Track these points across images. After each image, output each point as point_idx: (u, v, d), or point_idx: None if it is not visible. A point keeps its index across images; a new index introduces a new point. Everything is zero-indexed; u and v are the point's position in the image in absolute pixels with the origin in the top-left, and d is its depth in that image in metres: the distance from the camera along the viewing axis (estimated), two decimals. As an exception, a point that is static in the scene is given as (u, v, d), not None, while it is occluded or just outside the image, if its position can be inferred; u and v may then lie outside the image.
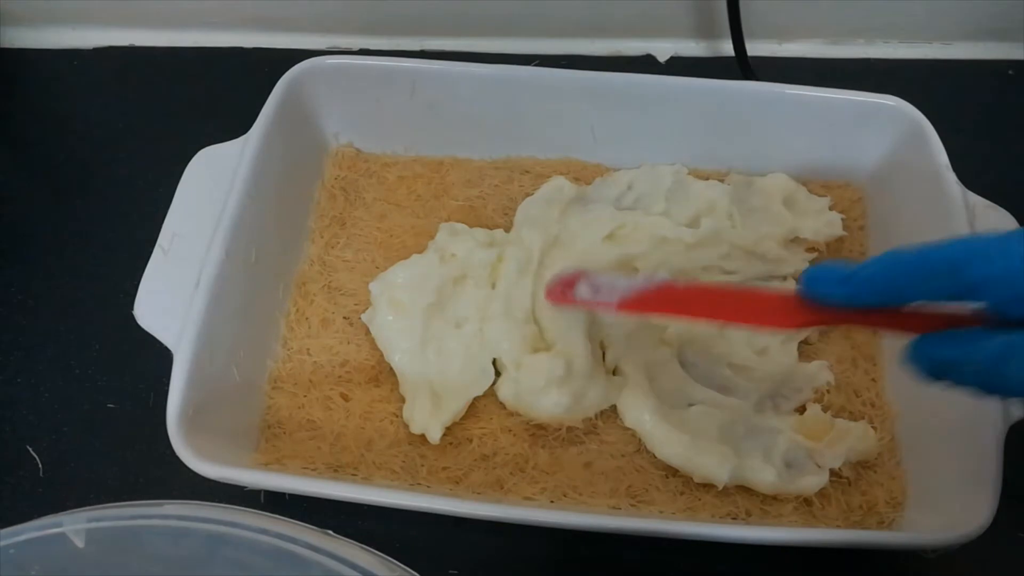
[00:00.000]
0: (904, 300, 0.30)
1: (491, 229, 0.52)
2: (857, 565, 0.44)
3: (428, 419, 0.45)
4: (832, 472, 0.44)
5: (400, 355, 0.47)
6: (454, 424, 0.46)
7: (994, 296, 0.28)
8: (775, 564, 0.43)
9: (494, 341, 0.47)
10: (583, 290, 0.41)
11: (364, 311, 0.50)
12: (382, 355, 0.48)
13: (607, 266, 0.49)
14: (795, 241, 0.51)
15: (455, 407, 0.46)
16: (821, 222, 0.51)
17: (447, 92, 0.54)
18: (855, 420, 0.46)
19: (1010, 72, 0.63)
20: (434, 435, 0.45)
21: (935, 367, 0.30)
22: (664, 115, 0.53)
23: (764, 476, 0.43)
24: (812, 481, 0.43)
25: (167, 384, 0.42)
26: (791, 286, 0.50)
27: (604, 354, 0.48)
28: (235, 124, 0.50)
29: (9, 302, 0.54)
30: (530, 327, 0.47)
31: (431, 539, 0.45)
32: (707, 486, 0.44)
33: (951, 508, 0.40)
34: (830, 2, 0.62)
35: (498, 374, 0.47)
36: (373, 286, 0.49)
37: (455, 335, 0.48)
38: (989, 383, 0.28)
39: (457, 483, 0.45)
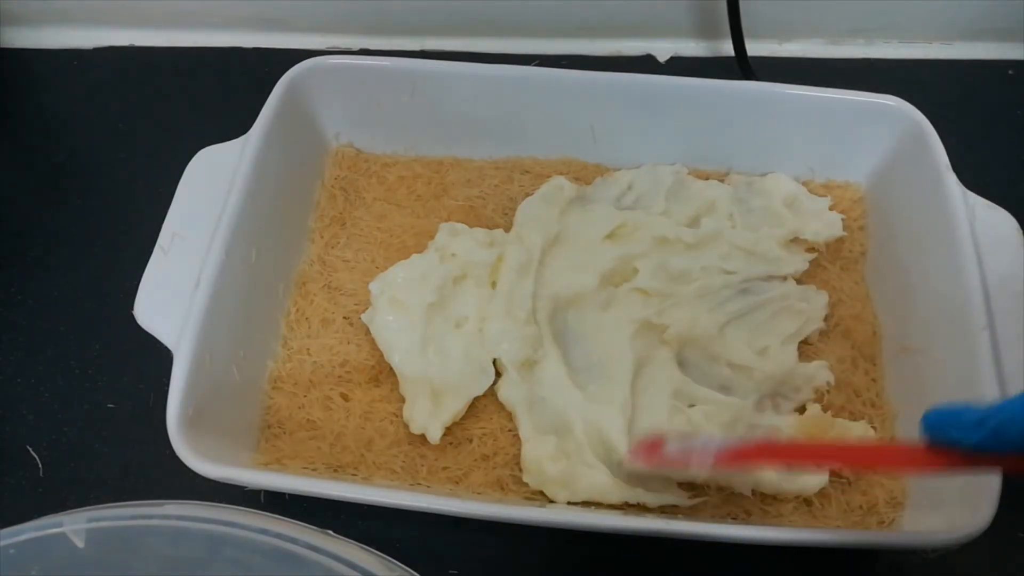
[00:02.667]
0: None
1: (491, 229, 0.52)
2: (857, 565, 0.44)
3: (428, 419, 0.45)
4: (832, 472, 0.44)
5: (400, 355, 0.47)
6: (454, 424, 0.46)
7: None
8: (775, 564, 0.43)
9: (494, 341, 0.47)
10: (674, 447, 0.39)
11: (364, 311, 0.50)
12: (382, 355, 0.48)
13: (607, 266, 0.49)
14: (795, 241, 0.51)
15: (455, 407, 0.46)
16: (821, 222, 0.51)
17: (447, 92, 0.54)
18: (855, 420, 0.46)
19: (1010, 72, 0.63)
20: (434, 435, 0.45)
21: None
22: (664, 115, 0.53)
23: (764, 476, 0.43)
24: (812, 481, 0.43)
25: (167, 384, 0.42)
26: (791, 286, 0.50)
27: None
28: (235, 124, 0.50)
29: (9, 302, 0.54)
30: (530, 328, 0.47)
31: (431, 539, 0.45)
32: (707, 485, 0.44)
33: (951, 508, 0.40)
34: (830, 2, 0.62)
35: (498, 374, 0.47)
36: (373, 286, 0.49)
37: (455, 335, 0.48)
38: None
39: (457, 483, 0.45)
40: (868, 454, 0.36)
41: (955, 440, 0.29)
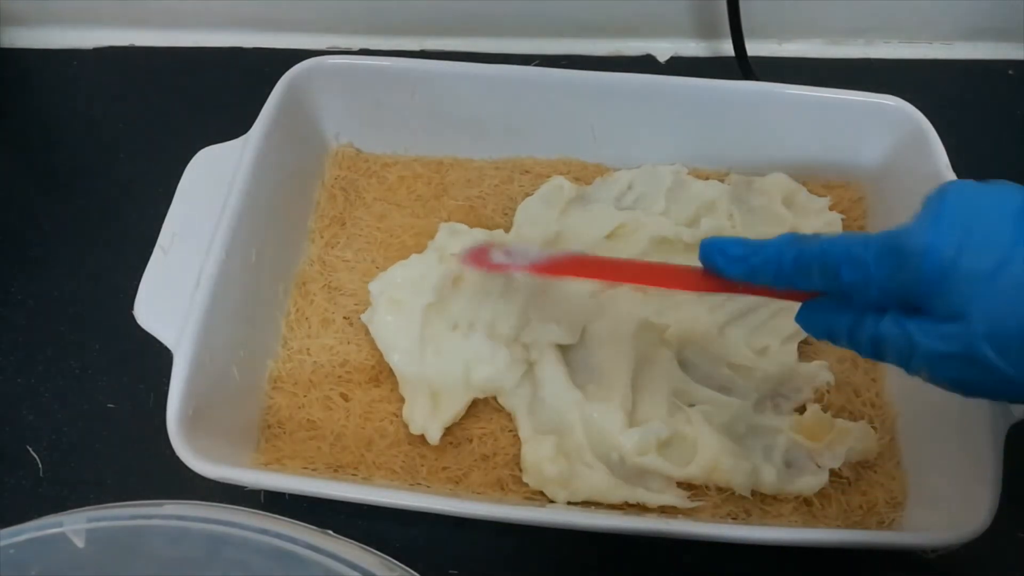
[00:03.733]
0: (790, 287, 0.34)
1: (491, 229, 0.52)
2: (857, 565, 0.44)
3: (428, 420, 0.45)
4: (832, 472, 0.44)
5: (399, 355, 0.47)
6: (454, 424, 0.46)
7: (861, 297, 0.32)
8: (775, 564, 0.43)
9: (474, 361, 0.47)
10: (497, 255, 0.43)
11: (364, 311, 0.50)
12: (382, 355, 0.48)
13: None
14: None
15: (455, 408, 0.46)
16: (821, 222, 0.51)
17: (447, 92, 0.54)
18: (855, 420, 0.46)
19: (1010, 72, 0.63)
20: (433, 435, 0.45)
21: (820, 333, 0.35)
22: (664, 115, 0.53)
23: (764, 476, 0.43)
24: (812, 481, 0.43)
25: (167, 384, 0.42)
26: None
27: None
28: (235, 124, 0.50)
29: (9, 302, 0.54)
30: (515, 350, 0.47)
31: (431, 539, 0.45)
32: (707, 486, 0.44)
33: (951, 508, 0.40)
34: (830, 2, 0.62)
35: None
36: (373, 286, 0.49)
37: (453, 336, 0.47)
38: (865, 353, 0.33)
39: (457, 483, 0.45)
40: (654, 273, 0.40)
41: (720, 270, 0.35)
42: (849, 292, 0.32)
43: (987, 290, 0.28)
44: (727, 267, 0.35)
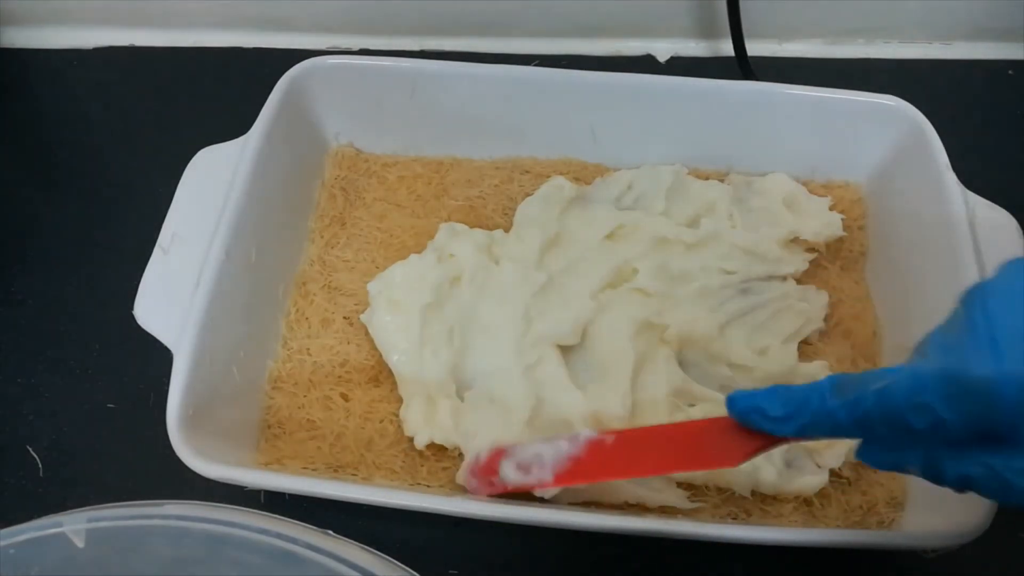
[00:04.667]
0: (850, 437, 0.31)
1: (491, 229, 0.52)
2: (857, 565, 0.44)
3: (420, 425, 0.45)
4: (832, 472, 0.44)
5: (398, 356, 0.47)
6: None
7: (938, 436, 0.28)
8: (775, 564, 0.43)
9: (471, 374, 0.47)
10: (510, 472, 0.39)
11: (364, 311, 0.50)
12: (382, 355, 0.48)
13: (607, 267, 0.49)
14: (795, 241, 0.51)
15: (447, 421, 0.46)
16: (821, 222, 0.51)
17: (447, 92, 0.54)
18: (855, 420, 0.46)
19: (1010, 72, 0.63)
20: (420, 440, 0.45)
21: (887, 468, 0.31)
22: (664, 115, 0.53)
23: (764, 476, 0.43)
24: (812, 481, 0.43)
25: (167, 384, 0.42)
26: (791, 286, 0.50)
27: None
28: (235, 124, 0.50)
29: (9, 302, 0.54)
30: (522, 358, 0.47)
31: (431, 539, 0.45)
32: (707, 486, 0.44)
33: (951, 508, 0.40)
34: (830, 2, 0.62)
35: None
36: (371, 286, 0.49)
37: (450, 338, 0.47)
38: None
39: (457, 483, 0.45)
40: (685, 448, 0.36)
41: (766, 429, 0.32)
42: (920, 433, 0.28)
43: None
44: (776, 429, 0.32)
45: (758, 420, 0.32)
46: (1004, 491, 0.27)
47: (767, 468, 0.43)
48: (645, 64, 0.64)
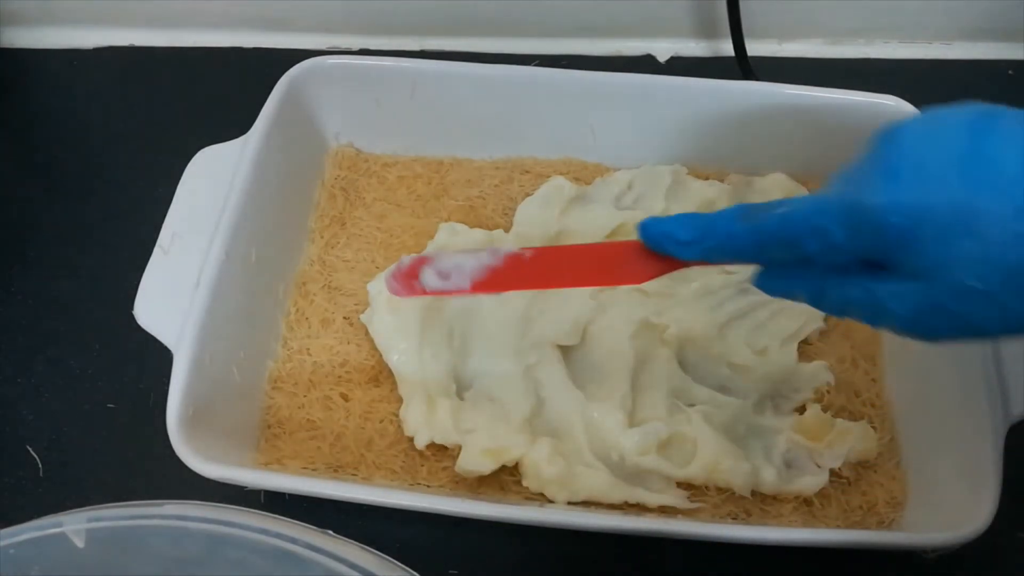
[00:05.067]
0: (747, 262, 0.33)
1: (491, 229, 0.52)
2: (857, 565, 0.44)
3: (420, 425, 0.45)
4: (832, 472, 0.44)
5: (398, 356, 0.47)
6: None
7: (824, 260, 0.30)
8: (775, 564, 0.43)
9: (469, 375, 0.47)
10: (430, 278, 0.40)
11: (364, 311, 0.50)
12: (382, 355, 0.48)
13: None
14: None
15: (446, 422, 0.45)
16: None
17: (447, 92, 0.54)
18: (855, 420, 0.46)
19: (1010, 72, 0.63)
20: (420, 440, 0.45)
21: (778, 294, 0.34)
22: (664, 115, 0.53)
23: (764, 476, 0.43)
24: (812, 481, 0.43)
25: (167, 384, 0.42)
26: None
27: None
28: (235, 124, 0.50)
29: (9, 302, 0.54)
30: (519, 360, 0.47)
31: (431, 539, 0.45)
32: (707, 486, 0.44)
33: (951, 508, 0.40)
34: (830, 2, 0.62)
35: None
36: (371, 286, 0.49)
37: (449, 339, 0.47)
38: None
39: (457, 483, 0.45)
40: (596, 265, 0.38)
41: (673, 253, 0.34)
42: (811, 259, 0.30)
43: (951, 244, 0.27)
44: (681, 253, 0.34)
45: (668, 245, 0.34)
46: (877, 313, 0.30)
47: (767, 468, 0.43)
48: (645, 64, 0.64)
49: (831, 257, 0.30)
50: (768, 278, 0.34)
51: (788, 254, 0.31)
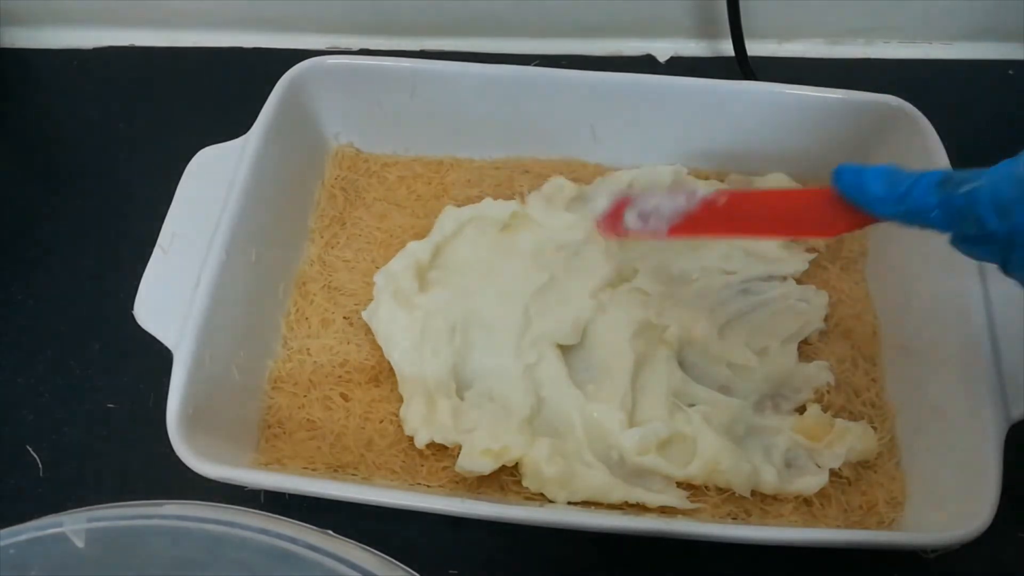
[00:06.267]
0: (940, 231, 0.33)
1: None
2: (857, 565, 0.44)
3: (420, 424, 0.45)
4: (832, 472, 0.44)
5: (399, 353, 0.47)
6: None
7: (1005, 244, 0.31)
8: (775, 564, 0.43)
9: (471, 376, 0.47)
10: (631, 220, 0.42)
11: (364, 310, 0.50)
12: (382, 355, 0.48)
13: (608, 267, 0.49)
14: (795, 241, 0.51)
15: (446, 420, 0.46)
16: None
17: (447, 92, 0.54)
18: (855, 420, 0.46)
19: (1010, 72, 0.63)
20: (420, 440, 0.45)
21: (971, 257, 0.33)
22: (664, 115, 0.53)
23: (764, 476, 0.43)
24: (812, 481, 0.43)
25: (167, 384, 0.42)
26: (791, 286, 0.50)
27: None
28: (235, 124, 0.50)
29: (9, 302, 0.54)
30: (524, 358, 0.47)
31: (431, 539, 0.45)
32: (707, 486, 0.44)
33: (951, 508, 0.40)
34: (830, 2, 0.62)
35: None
36: (378, 277, 0.49)
37: (450, 338, 0.47)
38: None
39: (457, 483, 0.45)
40: (790, 214, 0.39)
41: (874, 209, 0.33)
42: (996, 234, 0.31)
43: None
44: (875, 208, 0.33)
45: (858, 196, 0.33)
46: None
47: (767, 468, 0.43)
48: (645, 64, 0.64)
49: (1016, 233, 0.30)
50: (962, 243, 0.33)
51: (976, 230, 0.31)
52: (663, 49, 0.64)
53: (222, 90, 0.63)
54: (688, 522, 0.42)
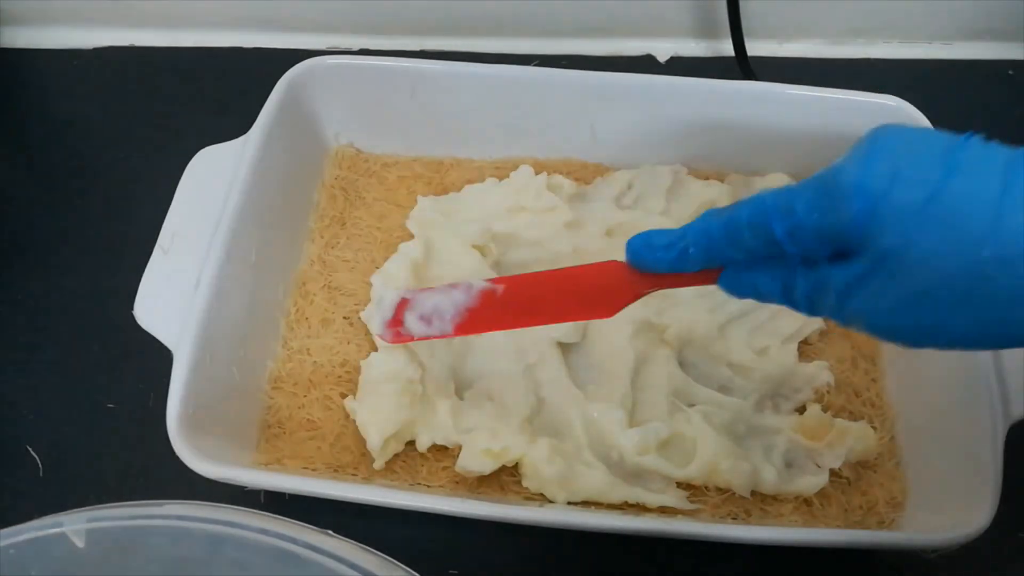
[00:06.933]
0: (725, 261, 0.33)
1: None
2: (857, 565, 0.44)
3: (370, 422, 0.45)
4: (832, 472, 0.44)
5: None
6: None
7: (794, 247, 0.30)
8: (775, 564, 0.43)
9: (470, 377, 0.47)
10: (413, 324, 0.41)
11: (363, 311, 0.50)
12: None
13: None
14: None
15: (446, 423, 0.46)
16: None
17: (447, 92, 0.54)
18: (855, 420, 0.46)
19: (1010, 72, 0.63)
20: (422, 443, 0.45)
21: (745, 293, 0.34)
22: (664, 115, 0.53)
23: (764, 476, 0.43)
24: (812, 481, 0.43)
25: (167, 384, 0.42)
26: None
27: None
28: (235, 124, 0.50)
29: (9, 302, 0.54)
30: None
31: (431, 539, 0.45)
32: (707, 486, 0.44)
33: (951, 508, 0.40)
34: (830, 2, 0.62)
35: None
36: (375, 278, 0.49)
37: (447, 339, 0.47)
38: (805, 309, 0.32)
39: (457, 483, 0.45)
40: (576, 296, 0.38)
41: (652, 263, 0.34)
42: (781, 246, 0.30)
43: (914, 230, 0.27)
44: (657, 257, 0.34)
45: (647, 253, 0.34)
46: (841, 303, 0.30)
47: (767, 468, 0.43)
48: (645, 64, 0.64)
49: (799, 241, 0.30)
50: (737, 272, 0.33)
51: (757, 242, 0.31)
52: (663, 49, 0.64)
53: (222, 90, 0.63)
54: (688, 522, 0.42)
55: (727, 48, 0.61)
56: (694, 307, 0.48)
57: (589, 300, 0.38)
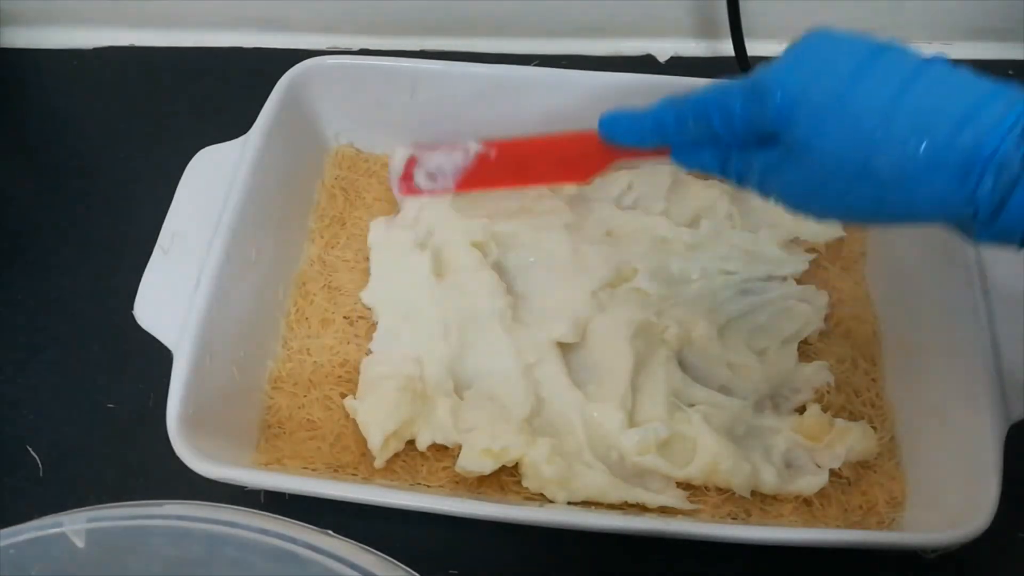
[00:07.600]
0: (678, 141, 0.38)
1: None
2: (857, 565, 0.44)
3: (372, 423, 0.45)
4: (832, 472, 0.44)
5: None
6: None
7: (729, 136, 0.36)
8: (775, 564, 0.43)
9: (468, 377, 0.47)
10: (422, 179, 0.49)
11: (364, 311, 0.50)
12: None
13: (607, 266, 0.49)
14: (795, 242, 0.51)
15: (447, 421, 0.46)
16: (820, 223, 0.51)
17: (447, 92, 0.54)
18: (855, 420, 0.46)
19: (1010, 72, 0.63)
20: (422, 441, 0.45)
21: (693, 167, 0.39)
22: (664, 115, 0.53)
23: (764, 476, 0.43)
24: (812, 481, 0.43)
25: (167, 384, 0.42)
26: (791, 286, 0.50)
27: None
28: (235, 124, 0.50)
29: (9, 302, 0.54)
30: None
31: (431, 539, 0.45)
32: (707, 486, 0.44)
33: (951, 508, 0.40)
34: (830, 2, 0.62)
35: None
36: (365, 295, 0.50)
37: (446, 338, 0.47)
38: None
39: (457, 483, 0.45)
40: (555, 161, 0.45)
41: (619, 137, 0.40)
42: (720, 134, 0.36)
43: (822, 122, 0.31)
44: (622, 135, 0.40)
45: (612, 128, 0.40)
46: (765, 179, 0.35)
47: (767, 468, 0.43)
48: (645, 64, 0.64)
49: (733, 129, 0.35)
50: (684, 151, 0.39)
51: (700, 130, 0.36)
52: (663, 49, 0.64)
53: (222, 90, 0.63)
54: (688, 522, 0.42)
55: (727, 48, 0.61)
56: (694, 308, 0.48)
57: (568, 165, 0.45)
